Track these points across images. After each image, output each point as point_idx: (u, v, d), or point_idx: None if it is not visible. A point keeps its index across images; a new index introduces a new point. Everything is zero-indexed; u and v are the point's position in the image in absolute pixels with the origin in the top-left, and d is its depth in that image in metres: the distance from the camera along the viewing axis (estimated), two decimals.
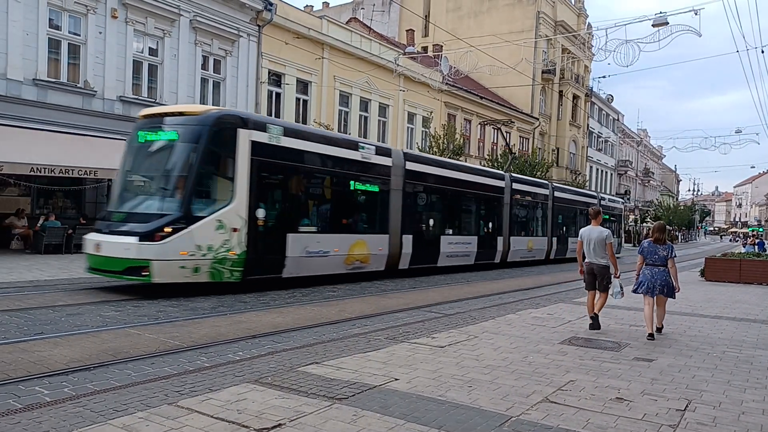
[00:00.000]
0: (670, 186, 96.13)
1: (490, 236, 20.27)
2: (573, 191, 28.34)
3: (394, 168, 15.07)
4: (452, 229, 18.17)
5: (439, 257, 17.12)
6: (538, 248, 23.55)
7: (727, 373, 5.64)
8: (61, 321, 7.56)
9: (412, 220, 16.05)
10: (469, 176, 19.07)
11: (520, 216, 22.60)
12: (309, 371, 5.14)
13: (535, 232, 23.78)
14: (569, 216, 26.83)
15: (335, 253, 13.12)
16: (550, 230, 24.51)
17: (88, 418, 3.86)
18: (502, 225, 20.91)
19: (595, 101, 53.54)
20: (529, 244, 22.86)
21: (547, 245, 24.39)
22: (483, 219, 20.24)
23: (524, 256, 22.34)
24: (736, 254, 20.15)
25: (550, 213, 24.56)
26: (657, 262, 7.36)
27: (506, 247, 21.01)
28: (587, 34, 44.64)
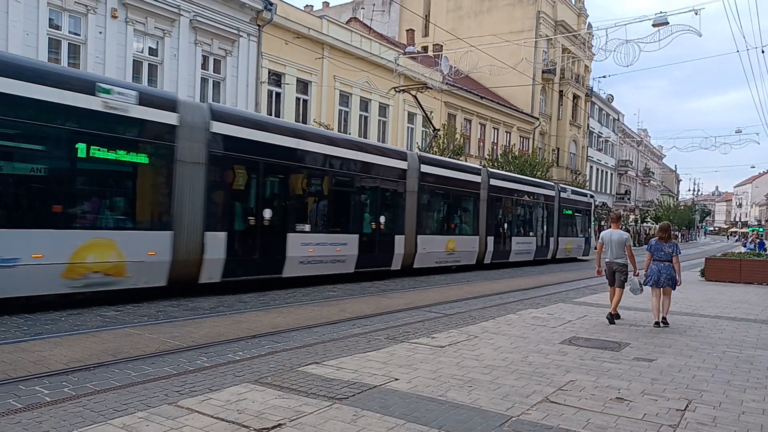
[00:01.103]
0: (670, 186, 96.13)
1: (380, 234, 14.84)
2: (518, 180, 23.24)
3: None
4: (310, 224, 12.84)
5: (285, 266, 12.00)
6: (464, 250, 18.46)
7: (728, 373, 5.64)
8: (61, 321, 7.56)
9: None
10: (331, 148, 13.25)
11: (434, 208, 17.62)
12: (309, 371, 5.14)
13: (460, 229, 18.68)
14: (515, 210, 22.14)
15: None
16: (483, 227, 19.45)
17: (88, 418, 3.86)
18: (404, 219, 15.63)
19: (595, 101, 53.53)
20: (450, 245, 17.67)
21: (480, 246, 19.33)
22: (370, 211, 14.73)
23: (442, 260, 17.38)
24: (736, 254, 20.14)
25: (484, 206, 19.53)
26: (663, 258, 8.34)
27: (411, 249, 15.86)
28: (587, 34, 44.64)
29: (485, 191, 19.64)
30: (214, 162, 10.54)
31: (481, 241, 19.43)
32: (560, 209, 25.39)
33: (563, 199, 25.66)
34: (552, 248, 24.78)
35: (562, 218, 25.59)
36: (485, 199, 19.60)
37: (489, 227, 19.77)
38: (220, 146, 10.66)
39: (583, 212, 28.44)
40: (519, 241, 21.91)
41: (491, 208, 20.00)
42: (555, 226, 25.09)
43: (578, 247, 27.85)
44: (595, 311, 9.53)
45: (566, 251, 26.36)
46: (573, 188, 28.89)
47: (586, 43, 47.35)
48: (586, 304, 10.40)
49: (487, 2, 43.00)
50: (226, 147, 10.75)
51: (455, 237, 18.12)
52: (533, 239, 23.31)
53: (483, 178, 19.67)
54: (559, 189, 25.73)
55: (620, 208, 61.12)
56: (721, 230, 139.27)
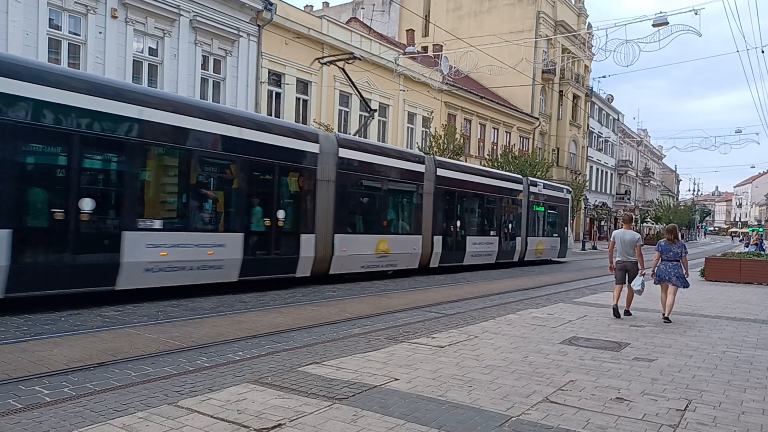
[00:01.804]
0: (670, 186, 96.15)
1: (279, 234, 12.01)
2: (474, 170, 20.08)
3: None
4: (164, 219, 10.11)
5: (116, 275, 9.16)
6: (402, 252, 15.45)
7: (728, 373, 5.64)
8: (61, 321, 7.57)
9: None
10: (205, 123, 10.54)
11: (359, 203, 14.63)
12: (309, 371, 5.14)
13: (397, 227, 15.82)
14: (471, 205, 19.32)
15: None
16: (429, 225, 16.54)
17: (88, 418, 3.86)
18: (315, 215, 12.79)
19: (595, 101, 53.55)
20: (382, 246, 14.68)
21: (424, 247, 16.36)
22: (263, 204, 11.83)
23: (371, 263, 14.34)
24: (736, 254, 20.15)
25: (429, 200, 16.59)
26: (671, 258, 8.89)
27: (325, 251, 12.97)
28: (587, 34, 44.65)
29: (431, 183, 16.57)
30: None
31: (426, 242, 16.36)
32: (530, 205, 22.40)
33: (533, 194, 22.68)
34: (519, 249, 21.72)
35: (532, 215, 22.73)
36: (431, 192, 16.59)
37: (437, 225, 16.82)
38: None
39: (558, 209, 25.21)
40: (476, 242, 18.96)
41: (439, 202, 16.98)
42: (523, 224, 22.01)
43: (552, 247, 24.67)
44: (595, 311, 9.53)
45: (537, 253, 23.18)
46: (546, 182, 25.69)
47: (586, 43, 47.37)
48: (586, 304, 10.40)
49: (487, 2, 43.01)
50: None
51: (389, 237, 14.97)
52: (495, 239, 20.09)
53: (428, 168, 16.53)
54: (528, 182, 22.69)
55: (620, 208, 61.19)
56: (721, 230, 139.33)
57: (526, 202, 22.09)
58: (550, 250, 24.26)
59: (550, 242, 24.27)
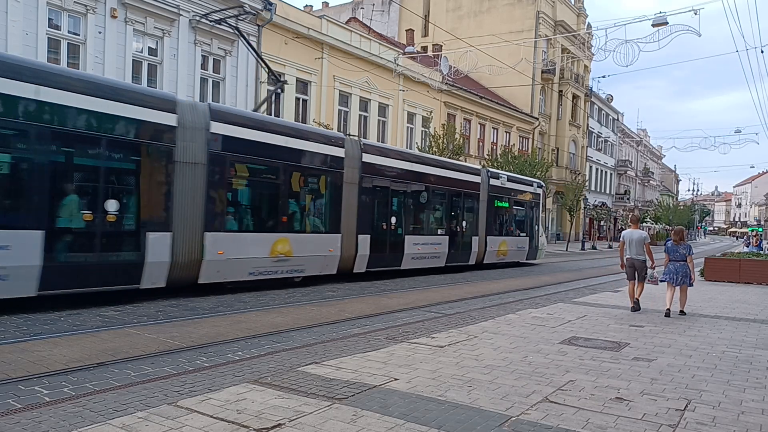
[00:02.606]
0: (669, 186, 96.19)
1: (111, 232, 9.24)
2: (413, 158, 16.94)
3: None
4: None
5: None
6: (311, 254, 12.48)
7: (727, 372, 5.64)
8: (60, 321, 7.56)
9: None
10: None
11: (244, 194, 11.79)
12: (309, 371, 5.14)
13: (303, 224, 12.84)
14: (410, 200, 16.01)
15: None
16: (352, 222, 13.67)
17: (87, 418, 3.86)
18: (172, 208, 9.97)
19: (594, 101, 53.58)
20: (280, 247, 11.71)
21: (345, 248, 13.38)
22: (88, 194, 9.05)
23: (264, 269, 11.45)
24: (736, 254, 20.15)
25: (353, 192, 13.72)
26: (678, 258, 9.38)
27: (191, 255, 10.15)
28: (587, 34, 44.67)
29: (354, 171, 13.70)
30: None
31: (348, 242, 13.51)
32: (490, 200, 19.42)
33: (495, 188, 19.76)
34: (476, 250, 18.74)
35: (492, 212, 19.71)
36: (355, 181, 13.73)
37: (363, 222, 13.93)
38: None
39: (526, 205, 22.15)
40: (418, 242, 16.05)
41: (367, 195, 14.13)
42: (482, 221, 19.01)
43: (519, 248, 21.50)
44: (595, 311, 9.53)
45: (500, 254, 20.11)
46: (511, 174, 22.80)
47: (586, 43, 47.40)
48: (586, 304, 10.40)
49: (487, 2, 43.03)
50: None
51: (292, 236, 12.08)
52: (444, 239, 17.19)
53: (350, 152, 13.61)
54: (487, 174, 19.73)
55: (619, 208, 61.23)
56: (721, 230, 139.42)
57: (485, 197, 19.19)
58: (516, 252, 21.29)
59: (516, 242, 21.33)
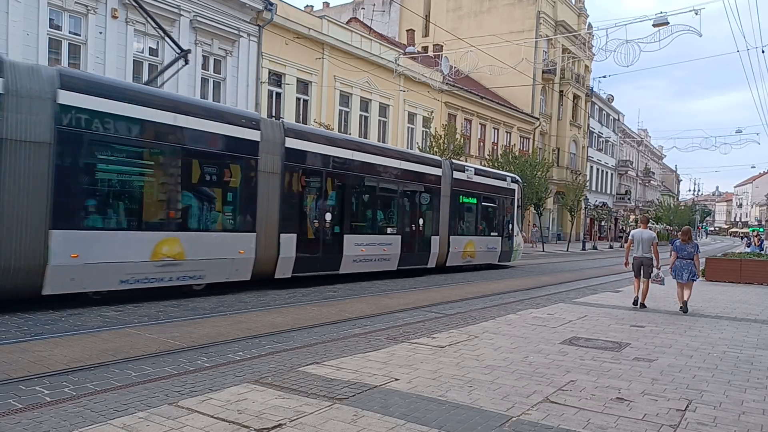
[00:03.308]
0: (670, 186, 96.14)
1: None
2: (354, 145, 14.54)
3: None
4: None
5: None
6: (212, 257, 10.47)
7: (728, 373, 5.64)
8: (61, 321, 7.57)
9: None
10: None
11: (112, 181, 9.41)
12: (309, 371, 5.14)
13: (203, 221, 10.72)
14: (349, 192, 13.90)
15: None
16: (273, 219, 11.74)
17: (88, 418, 3.86)
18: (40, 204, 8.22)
19: (595, 101, 53.56)
20: (167, 249, 9.71)
21: (262, 249, 11.42)
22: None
23: (142, 276, 9.34)
24: (736, 254, 20.14)
25: (273, 183, 11.75)
26: (685, 257, 9.88)
27: (34, 259, 8.10)
28: (587, 34, 44.66)
29: (274, 158, 11.67)
30: None
31: (267, 242, 11.47)
32: (454, 196, 17.41)
33: (459, 182, 17.72)
34: (437, 252, 16.67)
35: (457, 209, 17.72)
36: (276, 170, 11.71)
37: (287, 219, 11.99)
38: None
39: (499, 201, 20.04)
40: (362, 242, 14.07)
41: (292, 187, 12.22)
42: (443, 219, 16.96)
43: (489, 249, 19.48)
44: (596, 311, 9.53)
45: (467, 256, 18.20)
46: (479, 167, 20.94)
47: (586, 43, 47.39)
48: (587, 304, 10.40)
49: (487, 2, 43.02)
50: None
51: (183, 235, 10.02)
52: (395, 239, 15.14)
53: (268, 136, 11.58)
54: (450, 166, 17.67)
55: (620, 208, 61.20)
56: (721, 230, 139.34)
57: (447, 191, 17.17)
58: (486, 253, 19.31)
59: (486, 243, 19.30)
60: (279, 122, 12.58)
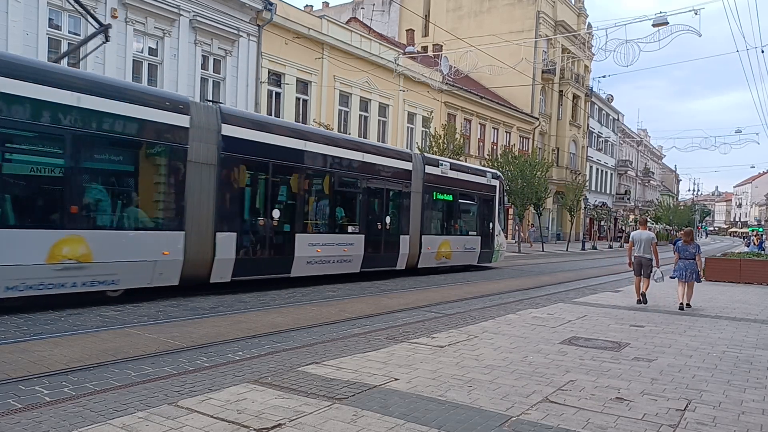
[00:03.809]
0: (670, 186, 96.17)
1: None
2: (305, 134, 12.85)
3: None
4: None
5: None
6: (126, 259, 9.12)
7: (727, 373, 5.64)
8: (60, 321, 7.56)
9: None
10: None
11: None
12: (309, 371, 5.14)
13: (115, 218, 9.38)
14: (299, 187, 12.47)
15: None
16: (209, 216, 10.54)
17: (88, 418, 3.86)
18: None
19: (595, 101, 53.57)
20: (65, 250, 8.37)
21: (189, 250, 10.07)
22: None
23: (36, 282, 8.04)
24: (736, 254, 20.15)
25: (208, 175, 10.50)
26: (687, 257, 10.24)
27: None
28: (587, 34, 44.67)
29: (208, 147, 10.36)
30: None
31: (198, 242, 10.16)
32: (426, 192, 16.08)
33: (433, 177, 16.33)
34: (406, 252, 15.33)
35: (430, 206, 16.40)
36: (211, 161, 10.42)
37: (224, 216, 10.68)
38: None
39: (478, 198, 18.65)
40: (317, 242, 12.76)
41: (229, 181, 10.85)
42: (414, 217, 15.63)
43: (467, 249, 18.17)
44: (595, 311, 9.53)
45: (442, 257, 16.89)
46: (456, 162, 19.55)
47: (586, 43, 47.40)
48: (586, 304, 10.40)
49: (487, 2, 43.03)
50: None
51: (88, 234, 8.70)
52: (357, 238, 13.82)
53: (201, 123, 10.25)
54: (422, 160, 16.28)
55: (620, 208, 61.21)
56: (721, 230, 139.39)
57: (419, 187, 15.83)
58: (464, 254, 17.97)
59: (463, 243, 17.95)
60: (215, 107, 10.94)
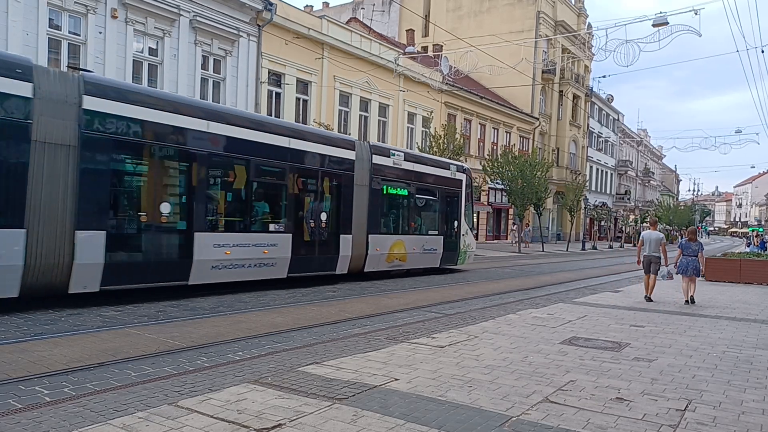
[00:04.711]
0: (670, 186, 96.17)
1: None
2: (206, 111, 10.66)
3: None
4: None
5: None
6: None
7: (727, 373, 5.64)
8: (60, 321, 7.56)
9: None
10: None
11: None
12: (309, 371, 5.14)
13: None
14: (199, 175, 10.36)
15: None
16: (66, 212, 8.48)
17: (88, 418, 3.86)
18: None
19: (595, 101, 53.57)
20: None
21: (31, 255, 8.04)
22: None
23: None
24: (736, 254, 20.15)
25: (61, 162, 8.43)
26: (690, 254, 11.08)
27: None
28: (587, 34, 44.67)
29: (64, 125, 8.43)
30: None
31: (48, 242, 8.27)
32: (375, 185, 14.09)
33: (382, 169, 14.38)
34: (348, 254, 13.26)
35: (379, 202, 14.39)
36: (67, 142, 8.46)
37: (88, 211, 8.65)
38: None
39: (440, 193, 16.78)
40: (223, 242, 10.63)
41: (96, 166, 8.81)
42: (358, 214, 13.61)
43: (427, 251, 16.21)
44: (595, 311, 9.53)
45: (395, 259, 14.92)
46: (412, 152, 18.09)
47: (586, 43, 47.41)
48: (586, 304, 10.40)
49: (487, 2, 43.03)
50: None
51: None
52: (282, 239, 11.74)
53: (49, 93, 8.30)
54: (369, 150, 14.19)
55: (620, 208, 61.20)
56: (721, 230, 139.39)
57: (365, 180, 13.89)
58: (422, 255, 16.03)
59: (422, 243, 16.02)
60: (76, 75, 8.86)
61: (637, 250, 11.89)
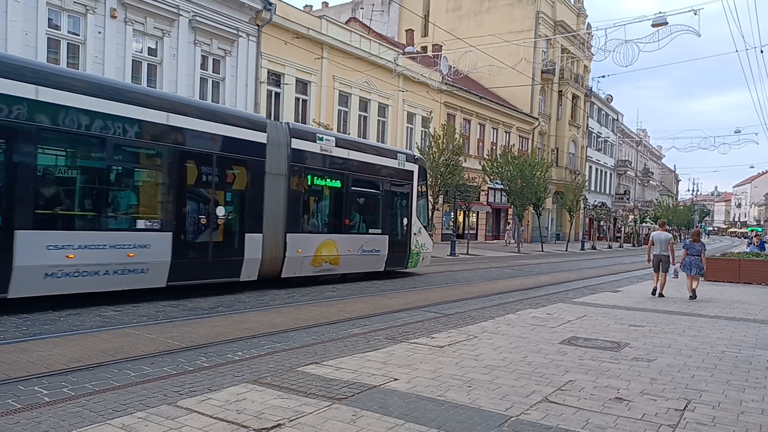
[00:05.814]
0: (669, 186, 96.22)
1: None
2: (49, 74, 8.11)
3: None
4: None
5: None
6: None
7: (727, 372, 5.64)
8: (60, 321, 7.56)
9: None
10: None
11: None
12: (308, 371, 5.14)
13: None
14: (28, 157, 7.86)
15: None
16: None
17: (87, 418, 3.86)
18: None
19: (594, 101, 53.60)
20: None
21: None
22: None
23: None
24: (735, 254, 20.14)
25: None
26: (694, 254, 11.93)
27: None
28: (587, 34, 44.69)
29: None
30: None
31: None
32: (294, 175, 11.89)
33: (305, 155, 12.18)
34: (257, 257, 11.12)
35: (301, 194, 12.32)
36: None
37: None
38: None
39: (384, 186, 14.51)
40: (65, 242, 8.28)
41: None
42: (273, 209, 11.47)
43: (367, 252, 13.96)
44: (595, 311, 9.53)
45: (320, 262, 12.57)
46: (346, 137, 16.23)
47: (586, 43, 47.43)
48: (586, 304, 10.40)
49: (487, 2, 43.05)
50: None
51: None
52: (161, 238, 9.53)
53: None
54: (288, 132, 11.92)
55: (619, 208, 61.23)
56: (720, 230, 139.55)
57: (282, 168, 11.73)
58: (361, 257, 13.79)
59: (360, 243, 13.74)
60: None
61: (647, 249, 12.65)
